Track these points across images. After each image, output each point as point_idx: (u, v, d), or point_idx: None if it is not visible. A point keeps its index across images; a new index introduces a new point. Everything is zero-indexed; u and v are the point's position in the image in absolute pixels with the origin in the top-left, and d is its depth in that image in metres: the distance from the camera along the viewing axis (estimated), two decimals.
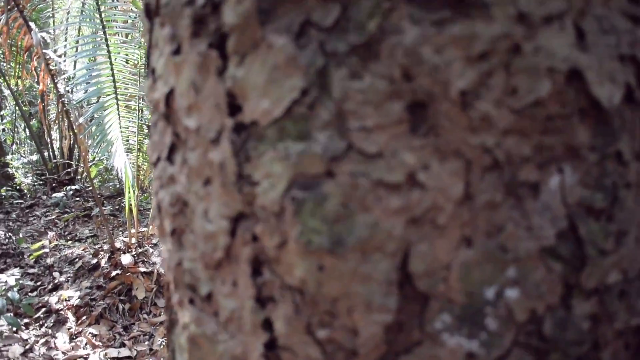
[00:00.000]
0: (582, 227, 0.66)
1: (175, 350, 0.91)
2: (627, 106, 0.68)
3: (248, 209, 0.72)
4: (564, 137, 0.65)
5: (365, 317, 0.67)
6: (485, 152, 0.65)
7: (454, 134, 0.64)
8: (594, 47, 0.65)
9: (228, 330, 0.79)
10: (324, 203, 0.65)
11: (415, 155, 0.64)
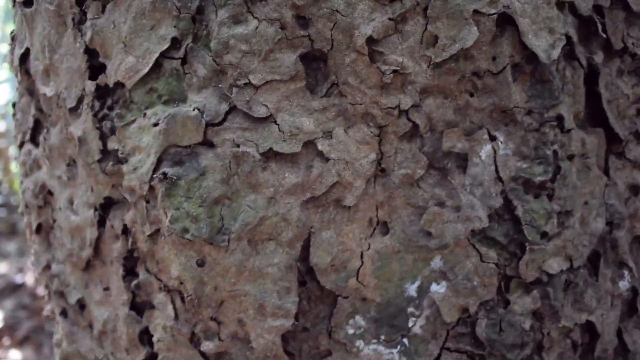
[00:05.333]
0: (520, 206, 0.55)
1: None
2: (568, 63, 0.57)
3: (116, 194, 0.58)
4: (496, 98, 0.54)
5: (259, 323, 0.54)
6: (402, 116, 0.53)
7: (362, 94, 0.52)
8: None
9: (103, 347, 0.65)
10: (202, 181, 0.52)
11: (314, 119, 0.52)
